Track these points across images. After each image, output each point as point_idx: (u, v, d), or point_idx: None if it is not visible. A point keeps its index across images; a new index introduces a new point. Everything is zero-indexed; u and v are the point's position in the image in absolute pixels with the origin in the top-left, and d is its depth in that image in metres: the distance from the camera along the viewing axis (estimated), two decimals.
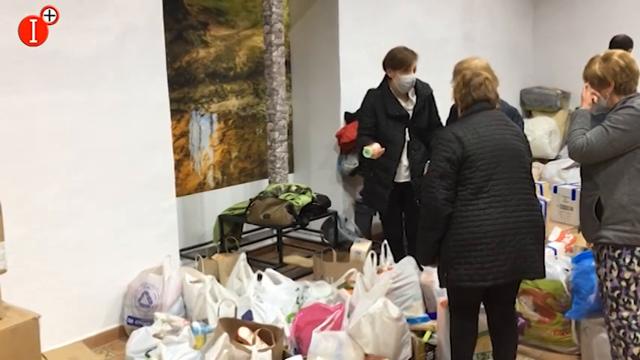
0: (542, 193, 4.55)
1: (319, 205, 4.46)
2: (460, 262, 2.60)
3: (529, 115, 7.44)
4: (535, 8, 7.51)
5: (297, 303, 3.49)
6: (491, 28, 6.87)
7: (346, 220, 4.94)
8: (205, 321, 3.31)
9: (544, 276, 2.76)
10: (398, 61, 3.79)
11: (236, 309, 2.98)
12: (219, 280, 3.85)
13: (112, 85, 3.49)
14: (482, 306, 2.87)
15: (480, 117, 2.70)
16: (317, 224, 4.96)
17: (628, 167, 2.63)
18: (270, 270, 3.65)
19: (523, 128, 3.56)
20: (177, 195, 4.57)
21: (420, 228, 2.73)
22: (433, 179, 2.63)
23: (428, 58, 5.94)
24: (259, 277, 3.56)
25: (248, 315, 3.21)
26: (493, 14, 6.88)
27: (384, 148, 3.77)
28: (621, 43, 5.17)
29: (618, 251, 2.65)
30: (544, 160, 6.93)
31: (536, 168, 6.94)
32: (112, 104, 3.50)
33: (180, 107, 4.55)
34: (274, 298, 3.43)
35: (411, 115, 3.86)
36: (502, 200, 2.60)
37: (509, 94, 7.40)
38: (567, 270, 3.33)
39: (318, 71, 5.22)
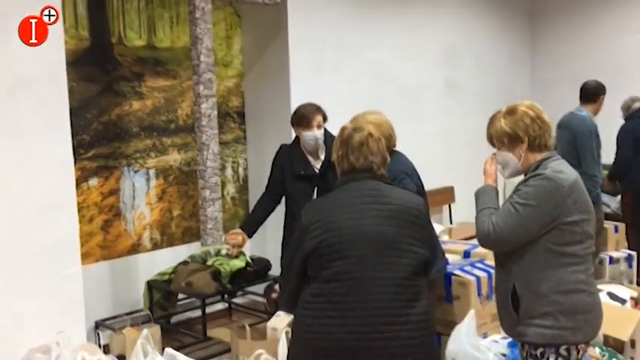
0: None
1: (255, 270, 4.01)
2: None
3: None
4: (533, 53, 7.08)
5: None
6: (481, 73, 6.43)
7: None
8: None
9: None
10: (298, 117, 3.42)
11: None
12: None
13: (1, 143, 3.19)
14: None
15: (341, 192, 2.15)
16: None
17: (544, 248, 2.14)
18: (170, 350, 3.19)
19: (423, 191, 2.91)
20: (105, 258, 4.24)
21: None
22: (286, 268, 2.20)
23: (403, 106, 5.58)
24: None
25: None
26: (482, 59, 6.46)
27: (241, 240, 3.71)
28: (593, 89, 4.61)
29: (540, 350, 2.17)
30: None
31: None
32: (1, 163, 3.19)
33: (109, 163, 4.23)
34: None
35: (319, 173, 3.42)
36: (343, 309, 1.99)
37: None
38: (504, 355, 2.78)
39: (271, 122, 4.86)
